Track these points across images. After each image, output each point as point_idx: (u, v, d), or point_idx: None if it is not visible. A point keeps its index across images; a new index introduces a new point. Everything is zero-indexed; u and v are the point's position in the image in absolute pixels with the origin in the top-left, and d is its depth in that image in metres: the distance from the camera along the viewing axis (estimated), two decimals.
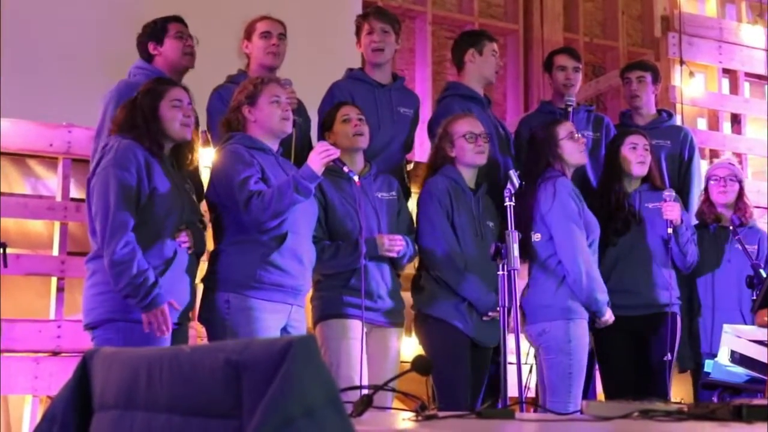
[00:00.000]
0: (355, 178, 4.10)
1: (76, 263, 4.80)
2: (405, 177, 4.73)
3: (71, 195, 5.07)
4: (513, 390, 3.98)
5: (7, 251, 3.72)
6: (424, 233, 4.31)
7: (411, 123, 4.74)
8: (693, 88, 7.34)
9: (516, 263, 3.80)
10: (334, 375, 1.45)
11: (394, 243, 4.12)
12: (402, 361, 4.25)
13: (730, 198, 4.95)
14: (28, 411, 4.85)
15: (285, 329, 3.89)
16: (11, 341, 4.74)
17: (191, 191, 3.91)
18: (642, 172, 4.73)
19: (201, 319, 3.94)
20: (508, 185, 3.98)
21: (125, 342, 3.52)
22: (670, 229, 4.57)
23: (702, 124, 7.73)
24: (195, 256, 3.85)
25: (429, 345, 4.29)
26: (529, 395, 4.50)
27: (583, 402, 2.36)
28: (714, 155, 7.28)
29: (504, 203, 3.97)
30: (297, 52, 4.69)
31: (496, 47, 4.92)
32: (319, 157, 3.78)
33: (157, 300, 3.55)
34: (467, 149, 4.35)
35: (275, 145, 4.03)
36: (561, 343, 4.33)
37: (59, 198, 5.08)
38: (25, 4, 5.38)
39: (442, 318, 4.25)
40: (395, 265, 4.24)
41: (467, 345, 4.24)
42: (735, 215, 4.90)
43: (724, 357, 3.73)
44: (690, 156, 5.20)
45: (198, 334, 4.52)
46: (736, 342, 3.72)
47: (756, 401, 2.19)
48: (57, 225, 5.07)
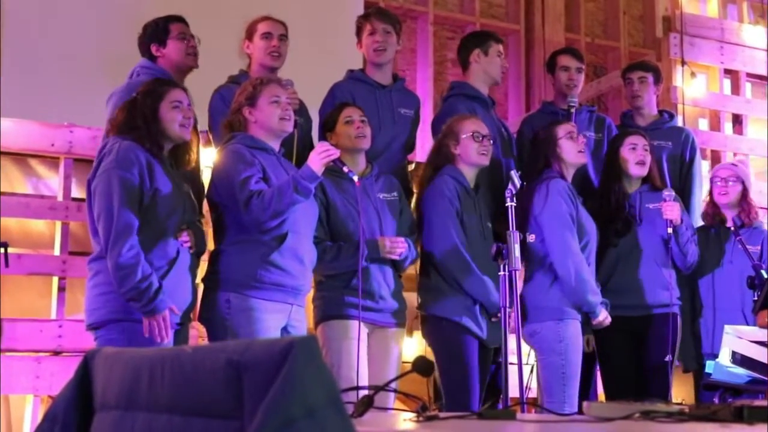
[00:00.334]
0: (355, 178, 4.10)
1: (77, 263, 4.80)
2: (407, 177, 4.73)
3: (73, 195, 5.07)
4: (514, 390, 3.97)
5: (9, 251, 3.72)
6: (433, 231, 4.27)
7: (412, 124, 4.73)
8: (694, 88, 7.34)
9: (517, 263, 3.80)
10: (335, 376, 1.45)
11: (395, 245, 4.11)
12: (403, 362, 4.25)
13: (731, 199, 4.95)
14: (29, 411, 4.86)
15: (285, 329, 3.88)
16: (13, 341, 4.75)
17: (190, 191, 3.91)
18: (641, 172, 4.73)
19: (201, 319, 3.94)
20: (509, 186, 3.98)
21: (128, 342, 3.51)
22: (670, 229, 4.57)
23: (703, 124, 7.73)
24: (195, 255, 3.85)
25: (437, 346, 4.27)
26: (530, 396, 4.50)
27: (585, 403, 2.36)
28: (715, 156, 7.29)
29: (505, 204, 3.97)
30: (298, 52, 4.69)
31: (501, 48, 4.92)
32: (319, 157, 3.78)
33: (160, 306, 3.54)
34: (472, 148, 4.34)
35: (276, 145, 4.03)
36: (552, 344, 4.33)
37: (61, 198, 5.08)
38: (27, 4, 5.39)
39: (450, 318, 4.22)
40: (396, 267, 4.24)
41: (476, 346, 4.23)
42: (737, 216, 4.91)
43: (725, 358, 3.72)
44: (691, 157, 5.19)
45: (199, 334, 4.51)
46: (737, 343, 3.71)
47: (757, 402, 2.19)
48: (58, 225, 5.07)
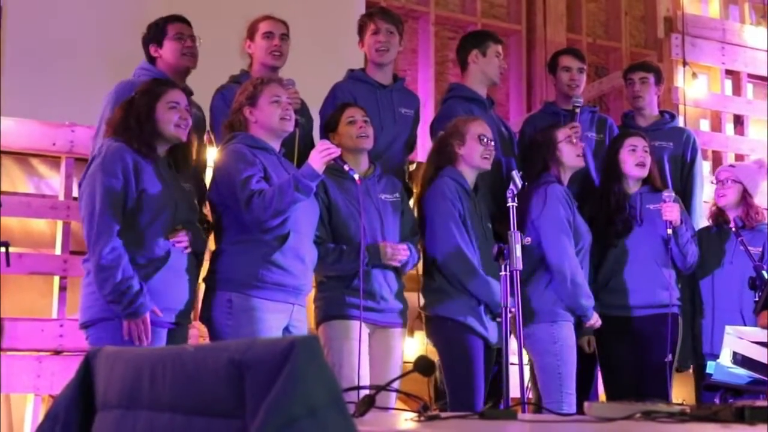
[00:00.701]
0: (356, 176, 4.10)
1: (78, 262, 4.76)
2: (406, 177, 4.72)
3: (74, 194, 5.05)
4: (515, 391, 3.97)
5: (10, 250, 3.72)
6: (435, 234, 4.27)
7: (412, 123, 4.73)
8: (696, 89, 7.34)
9: (518, 263, 3.80)
10: (336, 376, 1.45)
11: (397, 252, 4.11)
12: (404, 362, 4.25)
13: (729, 200, 4.94)
14: (30, 410, 4.85)
15: (287, 329, 3.88)
16: (14, 340, 4.75)
17: (192, 191, 3.90)
18: (641, 174, 4.73)
19: (203, 319, 3.94)
20: (510, 186, 3.98)
21: (115, 341, 3.51)
22: (669, 230, 4.57)
23: (705, 125, 7.73)
24: (194, 255, 3.84)
25: (442, 346, 4.26)
26: (531, 396, 4.50)
27: (586, 403, 2.36)
28: (716, 157, 7.29)
29: (506, 204, 3.96)
30: (299, 52, 4.69)
31: (500, 49, 4.90)
32: (320, 156, 3.78)
33: (140, 310, 3.56)
34: (477, 150, 4.34)
35: (277, 145, 4.02)
36: (547, 345, 4.35)
37: (62, 197, 5.08)
38: (29, 2, 5.39)
39: (454, 318, 4.21)
40: (398, 268, 4.23)
41: (482, 346, 4.23)
42: (738, 217, 4.90)
43: (726, 358, 3.72)
44: (692, 158, 5.19)
45: (200, 333, 4.51)
46: (738, 343, 3.71)
47: (758, 403, 2.19)
48: (60, 224, 5.07)
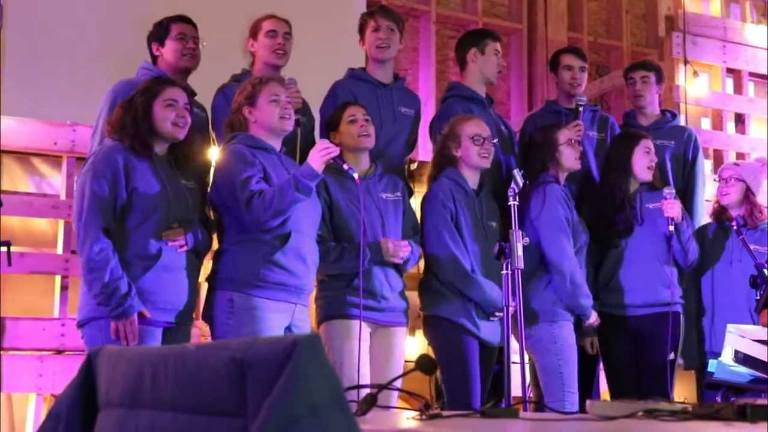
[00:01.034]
0: (355, 175, 4.10)
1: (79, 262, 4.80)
2: (405, 176, 4.71)
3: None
4: (516, 389, 3.97)
5: (12, 249, 3.72)
6: (429, 238, 4.30)
7: (412, 123, 4.72)
8: (697, 87, 7.34)
9: (520, 262, 3.80)
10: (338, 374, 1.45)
11: (398, 249, 4.11)
12: (406, 361, 4.25)
13: (732, 199, 4.94)
14: (32, 409, 4.86)
15: (289, 328, 3.88)
16: (15, 339, 4.75)
17: (194, 189, 3.89)
18: (649, 177, 4.75)
19: (204, 318, 3.94)
20: (512, 184, 3.97)
21: (106, 339, 3.53)
22: (671, 227, 4.57)
23: (706, 123, 7.73)
24: (195, 255, 3.84)
25: (438, 346, 4.28)
26: (533, 395, 4.50)
27: (588, 401, 2.36)
28: (718, 155, 7.29)
29: (507, 202, 3.97)
30: (301, 51, 4.69)
31: (499, 47, 4.88)
32: (320, 155, 3.78)
33: (128, 311, 3.56)
34: (473, 151, 4.35)
35: (278, 144, 4.02)
36: (547, 345, 4.36)
37: (63, 196, 5.08)
38: (30, 2, 5.38)
39: (450, 319, 4.23)
40: (399, 267, 4.23)
41: (476, 345, 4.24)
42: (740, 215, 4.90)
43: (728, 357, 3.72)
44: (694, 156, 5.19)
45: (202, 333, 4.52)
46: (739, 342, 3.71)
47: (760, 401, 2.19)
48: (61, 223, 5.07)
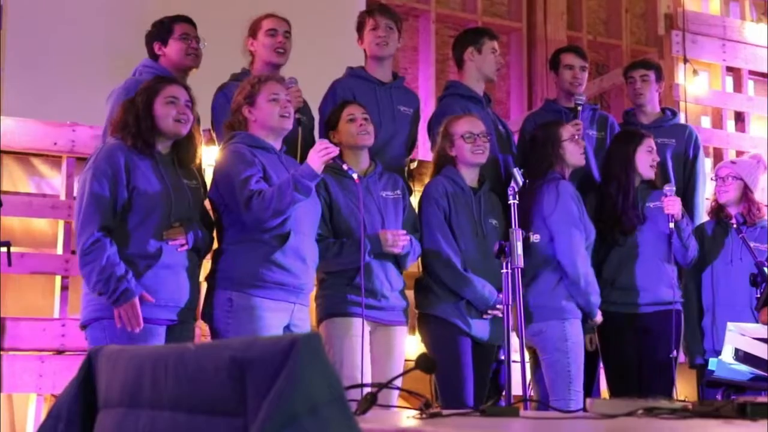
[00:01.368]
0: (354, 175, 4.10)
1: None
2: (405, 175, 4.71)
3: (75, 194, 5.05)
4: (516, 388, 3.97)
5: (12, 250, 3.72)
6: (424, 236, 4.31)
7: (411, 122, 4.72)
8: (697, 86, 7.33)
9: (520, 261, 3.80)
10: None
11: (397, 238, 4.11)
12: (406, 360, 4.25)
13: (730, 197, 4.95)
14: (32, 409, 4.86)
15: (288, 328, 3.87)
16: (16, 340, 4.75)
17: (197, 188, 3.89)
18: (652, 176, 4.75)
19: (204, 317, 3.94)
20: (511, 183, 3.97)
21: (111, 340, 3.51)
22: (671, 224, 4.57)
23: (706, 122, 7.72)
24: (196, 254, 3.84)
25: (431, 345, 4.29)
26: (533, 393, 4.50)
27: (588, 400, 2.36)
28: (717, 153, 7.29)
29: (507, 201, 3.97)
30: (301, 50, 4.69)
31: (496, 45, 4.88)
32: (319, 155, 3.78)
33: (127, 294, 3.54)
34: (465, 149, 4.35)
35: (278, 144, 4.02)
36: (557, 343, 4.34)
37: (63, 197, 5.08)
38: (30, 2, 5.39)
39: (442, 317, 4.25)
40: (400, 263, 4.24)
41: (469, 344, 4.25)
42: (739, 213, 4.90)
43: (728, 355, 3.72)
44: (695, 154, 5.19)
45: (203, 332, 4.52)
46: (740, 340, 3.71)
47: (760, 399, 2.19)
48: (61, 224, 5.07)
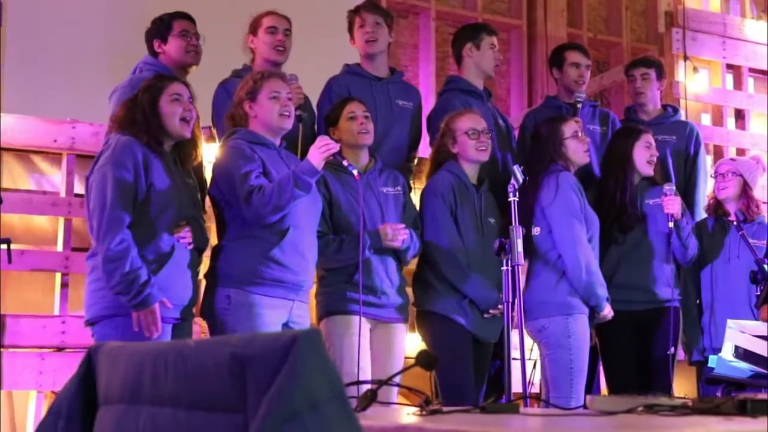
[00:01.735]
0: (354, 172, 4.10)
1: (80, 259, 4.79)
2: (409, 170, 4.70)
3: (75, 191, 5.07)
4: (517, 385, 3.97)
5: (12, 247, 3.72)
6: (427, 229, 4.30)
7: (412, 117, 4.71)
8: (697, 83, 7.34)
9: (520, 258, 3.79)
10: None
11: (397, 232, 4.10)
12: (406, 357, 4.25)
13: (729, 194, 4.94)
14: (32, 406, 4.86)
15: (287, 325, 3.87)
16: (16, 337, 4.75)
17: (194, 187, 3.90)
18: (650, 172, 4.73)
19: (203, 314, 3.94)
20: (511, 180, 3.96)
21: (123, 337, 3.51)
22: (671, 223, 4.57)
23: (706, 119, 7.73)
24: (197, 251, 3.85)
25: (431, 341, 4.28)
26: (533, 391, 4.50)
27: (588, 397, 2.37)
28: (718, 151, 7.29)
29: (507, 198, 3.95)
30: (301, 46, 4.69)
31: (494, 41, 4.86)
32: (319, 152, 3.77)
33: (149, 299, 3.55)
34: (469, 146, 4.34)
35: (278, 140, 4.02)
36: (561, 339, 4.32)
37: (63, 194, 5.08)
38: (30, 1, 5.38)
39: (443, 314, 4.24)
40: (400, 259, 4.23)
41: (469, 341, 4.24)
42: (738, 210, 4.91)
43: (728, 352, 3.72)
44: (696, 151, 5.18)
45: (202, 329, 4.52)
46: (740, 337, 3.71)
47: (760, 396, 2.19)
48: (61, 221, 5.07)
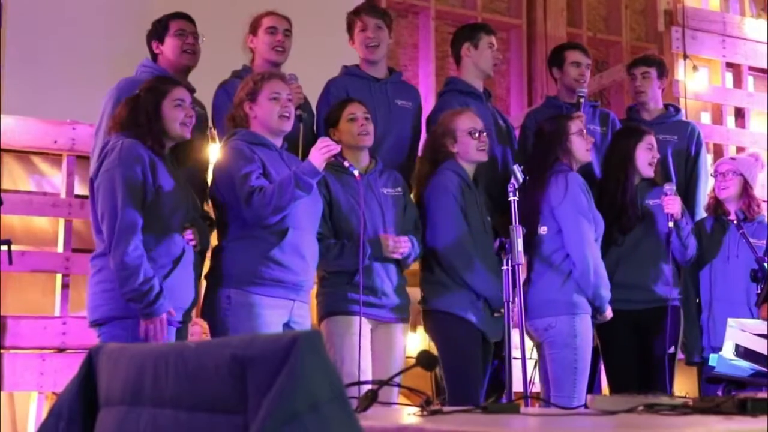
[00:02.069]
0: (356, 172, 4.10)
1: (80, 260, 4.80)
2: (410, 171, 4.69)
3: (75, 192, 5.07)
4: (517, 385, 3.97)
5: (12, 248, 3.72)
6: (439, 228, 4.26)
7: (412, 116, 4.70)
8: (696, 82, 7.33)
9: (520, 258, 3.80)
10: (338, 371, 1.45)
11: (398, 244, 4.11)
12: (407, 357, 4.25)
13: (731, 193, 4.95)
14: (33, 408, 4.86)
15: (288, 325, 3.88)
16: (16, 338, 4.75)
17: (191, 188, 3.91)
18: (651, 173, 4.73)
19: (204, 315, 3.95)
20: (512, 180, 3.96)
21: (130, 339, 3.52)
22: (671, 223, 4.57)
23: (706, 118, 7.72)
24: (199, 253, 3.86)
25: (442, 341, 4.25)
26: (534, 390, 4.49)
27: (589, 396, 2.37)
28: (717, 149, 7.29)
29: (507, 198, 3.95)
30: (301, 47, 4.69)
31: (493, 40, 4.86)
32: (320, 153, 3.78)
33: (159, 310, 3.56)
34: (471, 145, 4.33)
35: (278, 141, 4.02)
36: (567, 338, 4.30)
37: (64, 195, 5.08)
38: (30, 1, 5.38)
39: (456, 313, 4.21)
40: (400, 263, 4.23)
41: (479, 340, 4.23)
42: (739, 209, 4.91)
43: (728, 351, 3.72)
44: (697, 151, 5.18)
45: (203, 330, 4.52)
46: (740, 336, 3.71)
47: (761, 395, 2.19)
48: (61, 222, 5.07)
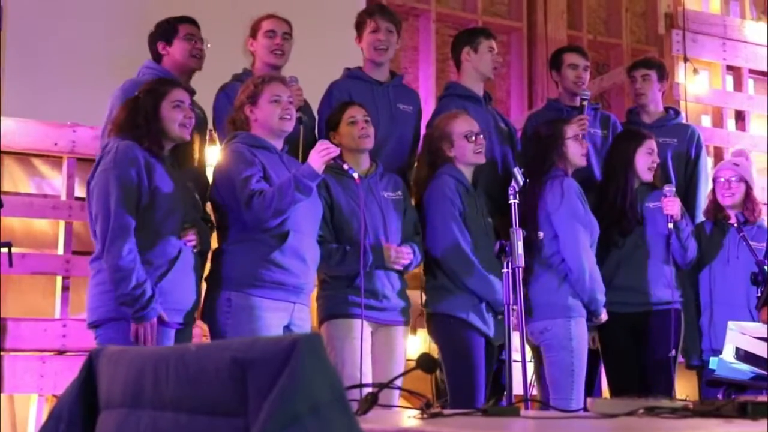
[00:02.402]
0: (355, 175, 4.10)
1: (81, 262, 4.81)
2: (410, 174, 4.69)
3: (76, 194, 5.08)
4: (517, 387, 3.97)
5: (13, 250, 3.72)
6: (438, 233, 4.26)
7: (414, 120, 4.71)
8: (697, 85, 7.33)
9: (520, 261, 3.79)
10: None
11: (401, 255, 4.12)
12: (407, 360, 4.25)
13: (736, 200, 4.95)
14: (33, 410, 4.87)
15: (288, 328, 3.88)
16: (17, 340, 4.76)
17: (193, 190, 3.91)
18: (650, 178, 4.74)
19: (204, 318, 3.95)
20: (512, 183, 3.97)
21: (127, 341, 3.53)
22: (670, 224, 4.57)
23: (706, 121, 7.72)
24: (200, 254, 3.85)
25: (444, 344, 4.26)
26: (533, 393, 4.49)
27: (589, 399, 2.37)
28: (718, 152, 7.29)
29: (508, 200, 3.95)
30: (301, 49, 4.69)
31: (493, 44, 4.86)
32: (320, 156, 3.78)
33: (150, 314, 3.58)
34: (468, 149, 4.34)
35: (279, 144, 4.02)
36: (563, 341, 4.32)
37: (64, 197, 5.09)
38: (30, 2, 5.39)
39: (460, 317, 4.21)
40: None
41: (482, 343, 4.23)
42: (740, 213, 4.91)
43: (729, 354, 3.72)
44: (697, 154, 5.18)
45: (204, 332, 4.52)
46: (740, 339, 3.71)
47: (761, 398, 2.19)
48: (62, 224, 5.08)
